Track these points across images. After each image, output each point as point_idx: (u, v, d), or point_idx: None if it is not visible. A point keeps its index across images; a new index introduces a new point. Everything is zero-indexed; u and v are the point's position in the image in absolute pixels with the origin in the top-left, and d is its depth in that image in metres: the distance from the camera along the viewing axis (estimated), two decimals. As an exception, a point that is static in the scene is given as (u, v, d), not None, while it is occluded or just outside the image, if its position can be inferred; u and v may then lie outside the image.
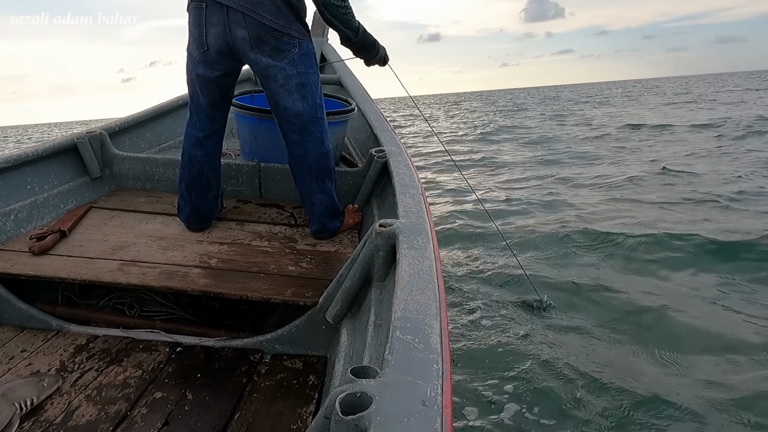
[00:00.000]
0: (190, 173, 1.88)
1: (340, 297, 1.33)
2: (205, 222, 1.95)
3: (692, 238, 3.75)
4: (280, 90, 1.71)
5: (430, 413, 0.59)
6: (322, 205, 1.86)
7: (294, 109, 1.73)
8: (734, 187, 5.42)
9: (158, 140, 2.87)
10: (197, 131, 1.84)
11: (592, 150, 9.36)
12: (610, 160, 8.14)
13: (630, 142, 10.13)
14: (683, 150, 8.55)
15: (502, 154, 9.83)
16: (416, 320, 0.80)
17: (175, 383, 1.29)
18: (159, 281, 1.53)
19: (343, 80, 3.44)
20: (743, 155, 7.66)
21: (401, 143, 2.20)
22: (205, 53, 1.69)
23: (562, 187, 6.18)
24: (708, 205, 4.85)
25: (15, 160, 1.90)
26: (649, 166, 7.13)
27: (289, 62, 1.68)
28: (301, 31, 1.71)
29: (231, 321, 1.68)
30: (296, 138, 1.77)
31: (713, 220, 4.33)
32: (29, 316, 1.53)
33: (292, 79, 1.69)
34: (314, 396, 1.26)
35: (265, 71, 1.69)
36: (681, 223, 4.27)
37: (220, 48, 1.67)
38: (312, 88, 1.74)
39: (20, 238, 1.78)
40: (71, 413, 1.16)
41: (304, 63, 1.71)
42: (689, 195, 5.26)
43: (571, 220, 4.54)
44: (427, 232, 1.19)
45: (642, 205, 5.05)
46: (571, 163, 8.15)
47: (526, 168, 7.90)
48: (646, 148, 9.22)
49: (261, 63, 1.68)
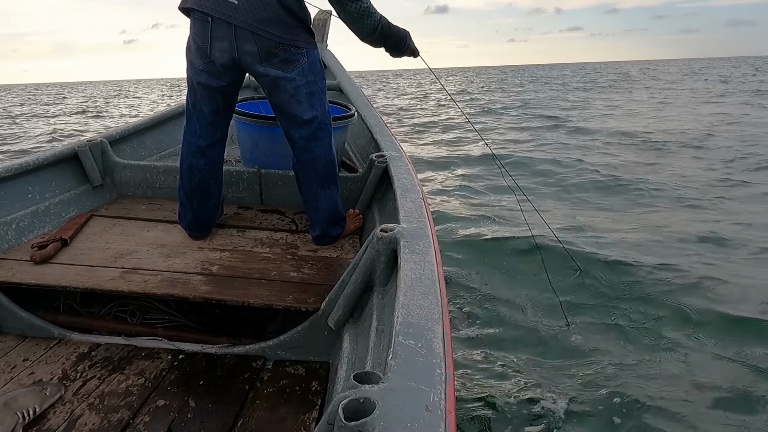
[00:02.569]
0: (190, 182, 1.86)
1: (342, 302, 1.32)
2: (206, 229, 1.95)
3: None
4: (290, 100, 1.71)
5: (433, 418, 0.59)
6: (327, 211, 1.86)
7: (305, 117, 1.73)
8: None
9: (159, 147, 2.88)
10: (198, 140, 1.82)
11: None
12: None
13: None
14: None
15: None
16: (418, 325, 0.80)
17: (177, 391, 1.29)
18: (161, 288, 1.52)
19: (342, 86, 3.46)
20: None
21: (401, 148, 2.21)
22: (209, 64, 1.68)
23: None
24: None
25: (16, 170, 1.91)
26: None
27: (298, 72, 1.68)
28: (308, 41, 1.70)
29: (233, 328, 1.68)
30: (304, 144, 1.77)
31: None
32: (31, 324, 1.53)
33: (302, 88, 1.70)
34: (317, 402, 1.26)
35: (275, 82, 1.69)
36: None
37: (225, 62, 1.66)
38: (320, 95, 1.75)
39: (21, 247, 1.78)
40: (74, 422, 1.16)
41: (313, 72, 1.72)
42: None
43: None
44: (429, 237, 1.19)
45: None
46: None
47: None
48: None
49: (270, 74, 1.67)
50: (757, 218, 4.31)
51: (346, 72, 3.64)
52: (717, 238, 3.84)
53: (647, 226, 4.23)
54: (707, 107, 13.83)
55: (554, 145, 8.64)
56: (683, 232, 4.01)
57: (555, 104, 16.23)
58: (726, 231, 3.99)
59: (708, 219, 4.39)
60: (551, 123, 11.59)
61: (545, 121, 12.11)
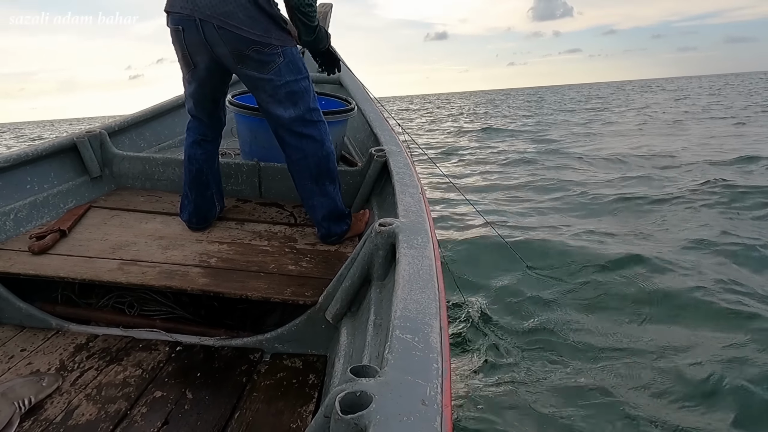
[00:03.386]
0: (190, 172, 1.91)
1: (340, 296, 1.33)
2: (205, 221, 1.95)
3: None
4: (269, 100, 1.72)
5: (429, 412, 0.59)
6: (324, 208, 1.83)
7: (286, 116, 1.72)
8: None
9: (158, 139, 2.87)
10: (195, 134, 1.89)
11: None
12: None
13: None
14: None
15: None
16: (416, 319, 0.80)
17: (175, 382, 1.29)
18: (159, 280, 1.53)
19: (342, 80, 3.44)
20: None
21: (401, 142, 2.20)
22: (194, 71, 1.73)
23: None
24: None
25: (15, 160, 1.90)
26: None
27: (275, 73, 1.67)
28: (283, 38, 1.67)
29: (231, 320, 1.69)
30: (294, 142, 1.77)
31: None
32: (29, 315, 1.53)
33: (281, 89, 1.69)
34: (314, 395, 1.26)
35: (253, 83, 1.71)
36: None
37: (207, 65, 1.70)
38: (302, 93, 1.73)
39: (20, 238, 1.78)
40: (71, 412, 1.16)
41: (291, 71, 1.69)
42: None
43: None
44: (427, 232, 1.19)
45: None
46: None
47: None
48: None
49: (246, 76, 1.70)
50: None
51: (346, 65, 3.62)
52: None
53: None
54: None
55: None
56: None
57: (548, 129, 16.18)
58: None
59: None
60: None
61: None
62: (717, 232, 3.94)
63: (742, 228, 4.06)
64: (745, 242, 3.66)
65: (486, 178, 7.20)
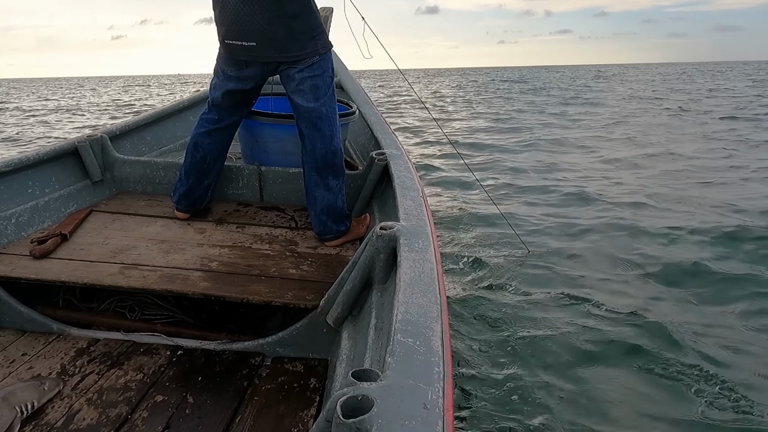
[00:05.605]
0: (192, 158, 2.02)
1: (341, 300, 1.32)
2: (192, 207, 2.06)
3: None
4: (296, 89, 1.87)
5: (431, 416, 0.59)
6: (324, 201, 1.89)
7: (306, 107, 1.86)
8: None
9: (159, 143, 2.87)
10: (208, 124, 2.02)
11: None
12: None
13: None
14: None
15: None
16: (417, 323, 0.80)
17: (176, 386, 1.29)
18: (160, 284, 1.53)
19: (343, 83, 3.45)
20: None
21: (402, 146, 2.21)
22: (241, 72, 1.90)
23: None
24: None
25: (16, 164, 1.91)
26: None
27: (307, 67, 1.85)
28: (325, 45, 1.88)
29: (232, 324, 1.68)
30: (308, 132, 1.89)
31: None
32: (30, 319, 1.53)
33: (307, 80, 1.85)
34: (315, 399, 1.26)
35: (285, 73, 1.89)
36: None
37: (254, 74, 1.91)
38: (325, 90, 1.88)
39: (21, 242, 1.78)
40: (72, 417, 1.16)
41: (321, 68, 1.87)
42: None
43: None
44: (428, 235, 1.19)
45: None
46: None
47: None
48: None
49: (284, 73, 1.89)
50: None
51: (347, 69, 3.64)
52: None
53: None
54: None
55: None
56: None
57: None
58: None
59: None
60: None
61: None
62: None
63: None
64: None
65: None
